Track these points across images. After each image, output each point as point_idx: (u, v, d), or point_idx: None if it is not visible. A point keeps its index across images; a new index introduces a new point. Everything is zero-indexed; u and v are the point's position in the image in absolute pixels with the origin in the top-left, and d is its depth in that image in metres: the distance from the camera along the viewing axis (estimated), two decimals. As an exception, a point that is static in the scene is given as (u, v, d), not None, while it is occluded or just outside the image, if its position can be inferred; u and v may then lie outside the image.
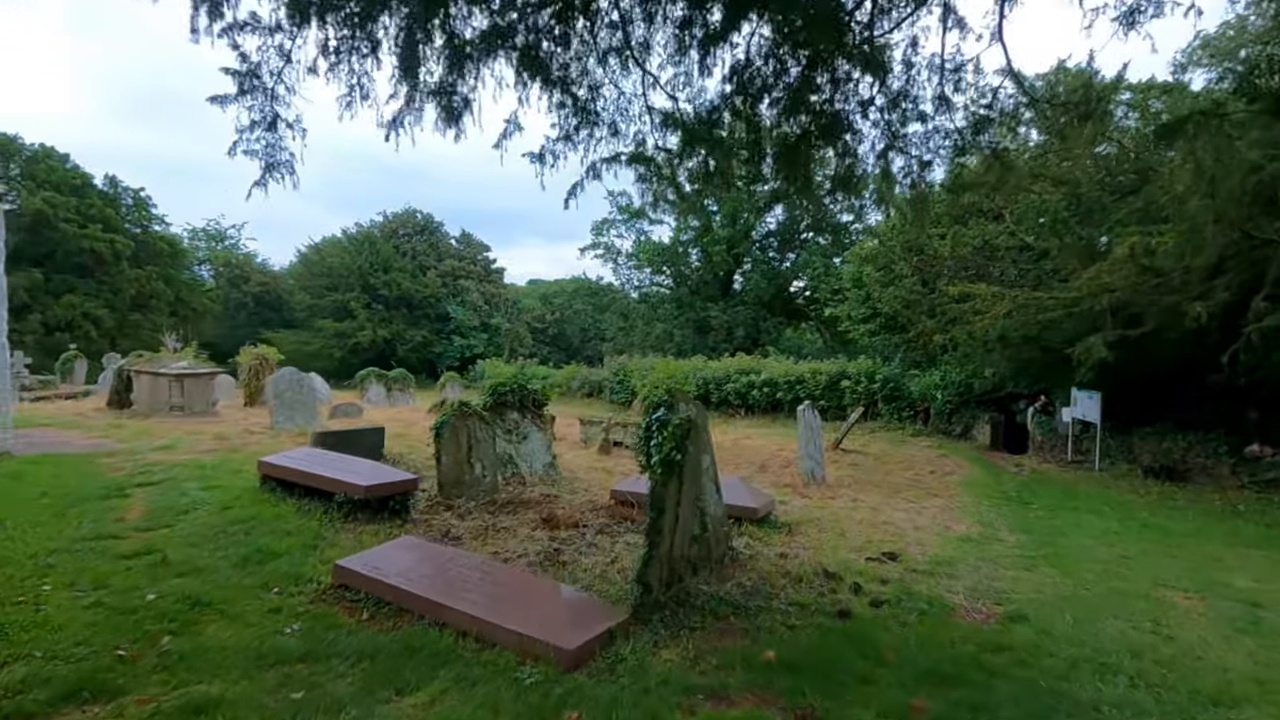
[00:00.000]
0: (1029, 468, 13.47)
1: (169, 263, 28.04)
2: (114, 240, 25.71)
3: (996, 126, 7.02)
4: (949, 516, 8.20)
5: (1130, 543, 7.32)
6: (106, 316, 24.64)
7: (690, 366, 25.50)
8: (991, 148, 7.33)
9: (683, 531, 4.33)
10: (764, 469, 11.33)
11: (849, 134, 6.90)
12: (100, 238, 25.43)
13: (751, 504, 6.38)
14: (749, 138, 7.01)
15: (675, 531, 4.15)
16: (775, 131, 6.87)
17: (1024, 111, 7.34)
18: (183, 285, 31.21)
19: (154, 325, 25.98)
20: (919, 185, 7.68)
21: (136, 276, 25.92)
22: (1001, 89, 7.00)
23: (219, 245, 60.14)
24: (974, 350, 12.80)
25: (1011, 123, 6.91)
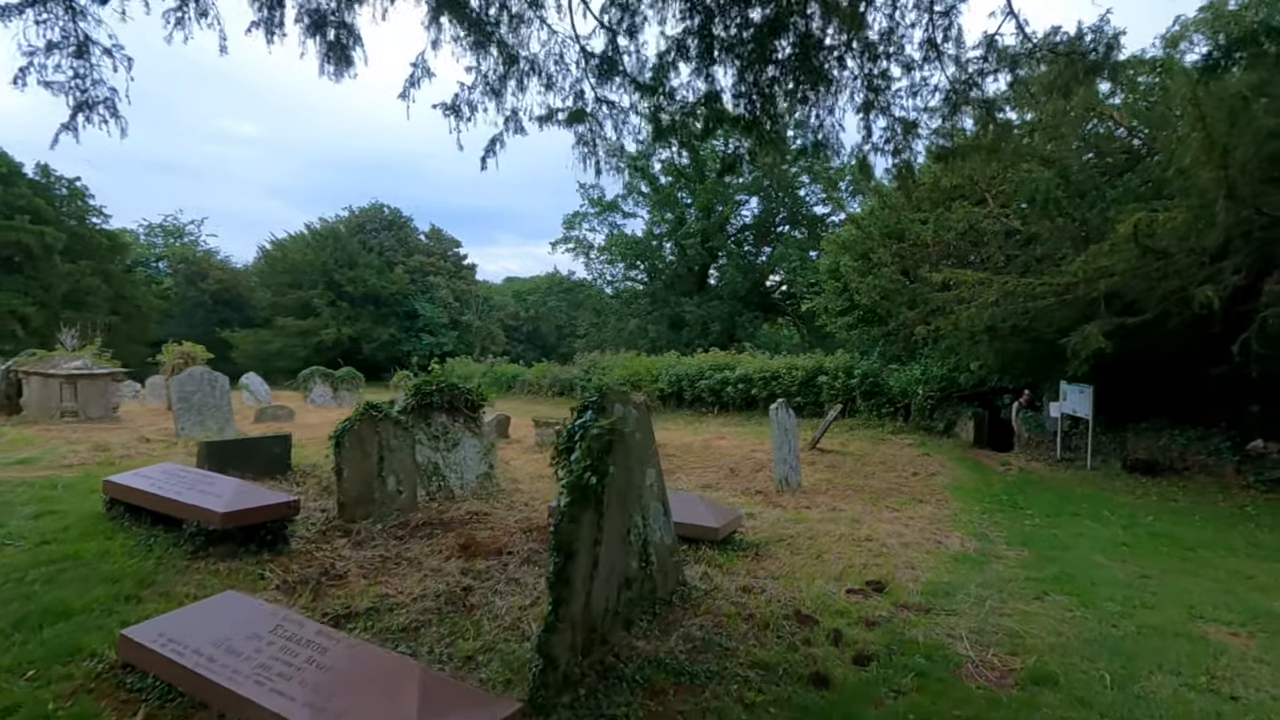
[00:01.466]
0: (1016, 467, 12.64)
1: (107, 257, 26.30)
2: (44, 233, 23.95)
3: (994, 78, 6.07)
4: (939, 528, 7.25)
5: (1145, 557, 6.42)
6: (35, 314, 22.91)
7: (663, 363, 24.54)
8: (987, 105, 6.38)
9: (607, 578, 3.28)
10: (734, 473, 10.33)
11: (823, 85, 5.89)
12: (28, 230, 23.61)
13: (711, 523, 5.36)
14: (706, 89, 5.95)
15: (594, 580, 3.09)
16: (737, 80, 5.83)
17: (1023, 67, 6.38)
18: (124, 281, 29.42)
19: (91, 324, 24.31)
20: (902, 151, 6.70)
21: (69, 271, 24.19)
22: (999, 36, 6.04)
23: (177, 241, 57.95)
24: (959, 342, 11.93)
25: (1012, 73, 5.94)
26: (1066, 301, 10.32)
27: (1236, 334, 8.79)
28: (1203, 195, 7.99)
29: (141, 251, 54.01)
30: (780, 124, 6.06)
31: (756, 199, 38.39)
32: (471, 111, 5.26)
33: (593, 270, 40.00)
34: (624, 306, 38.61)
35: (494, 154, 5.34)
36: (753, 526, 6.47)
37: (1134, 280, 9.45)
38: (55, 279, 24.00)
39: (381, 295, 47.65)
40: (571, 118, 6.04)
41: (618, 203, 39.59)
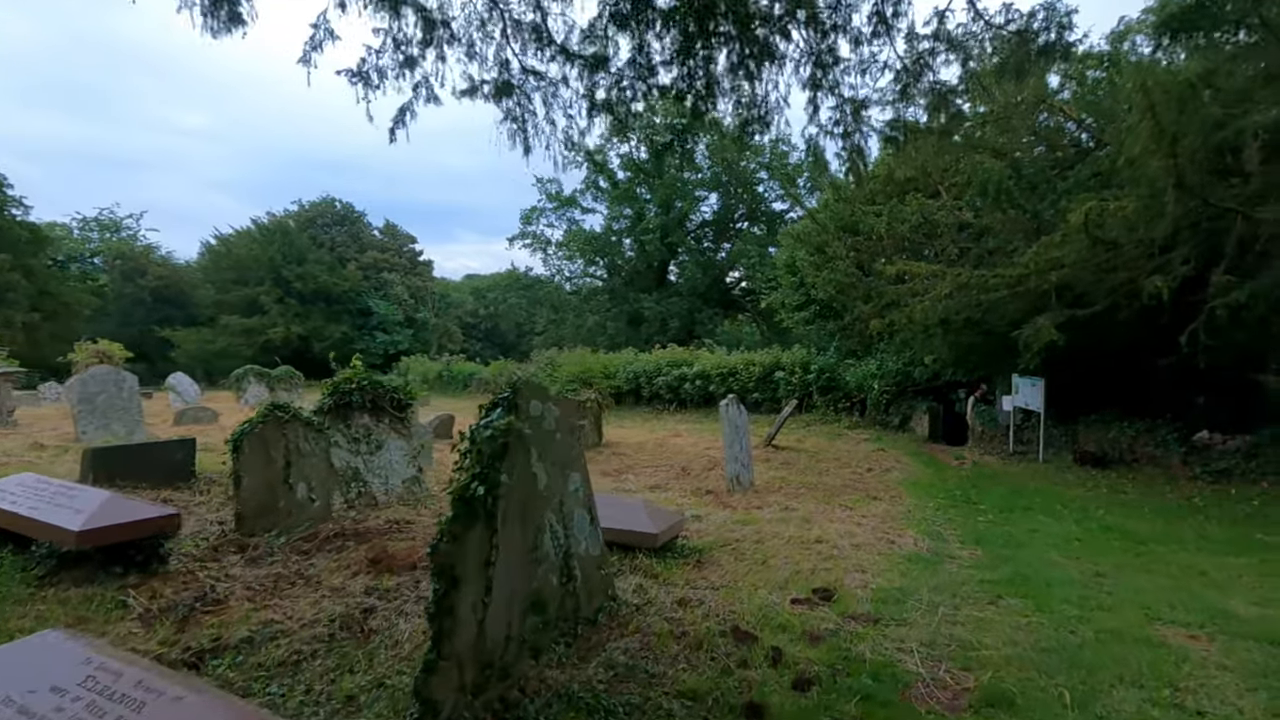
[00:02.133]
0: (970, 461, 12.58)
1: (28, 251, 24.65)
2: (-46, 224, 22.17)
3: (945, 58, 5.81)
4: (892, 526, 6.99)
5: (1098, 553, 6.24)
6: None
7: (620, 360, 24.12)
8: (938, 88, 6.12)
9: (507, 602, 2.84)
10: (686, 472, 9.97)
11: (767, 59, 5.54)
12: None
13: (650, 529, 4.95)
14: (642, 61, 5.54)
15: (488, 606, 2.65)
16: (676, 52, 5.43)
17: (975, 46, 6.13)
18: (48, 277, 27.67)
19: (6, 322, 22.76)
20: (852, 134, 6.40)
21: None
22: (949, 12, 5.79)
23: (114, 236, 55.26)
24: (913, 336, 11.79)
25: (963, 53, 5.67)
26: (1018, 294, 10.22)
27: (1184, 326, 8.77)
28: (1152, 184, 7.90)
29: (75, 246, 51.30)
30: (720, 98, 5.67)
31: (715, 195, 38.25)
32: (381, 79, 4.74)
33: (550, 266, 39.39)
34: (582, 303, 38.07)
35: (404, 124, 4.82)
36: (698, 530, 6.09)
37: (1084, 272, 9.38)
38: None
39: (333, 292, 46.16)
40: (498, 91, 5.55)
41: (576, 198, 39.03)
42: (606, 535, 4.79)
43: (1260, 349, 10.59)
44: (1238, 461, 9.80)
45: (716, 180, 37.63)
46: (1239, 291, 7.73)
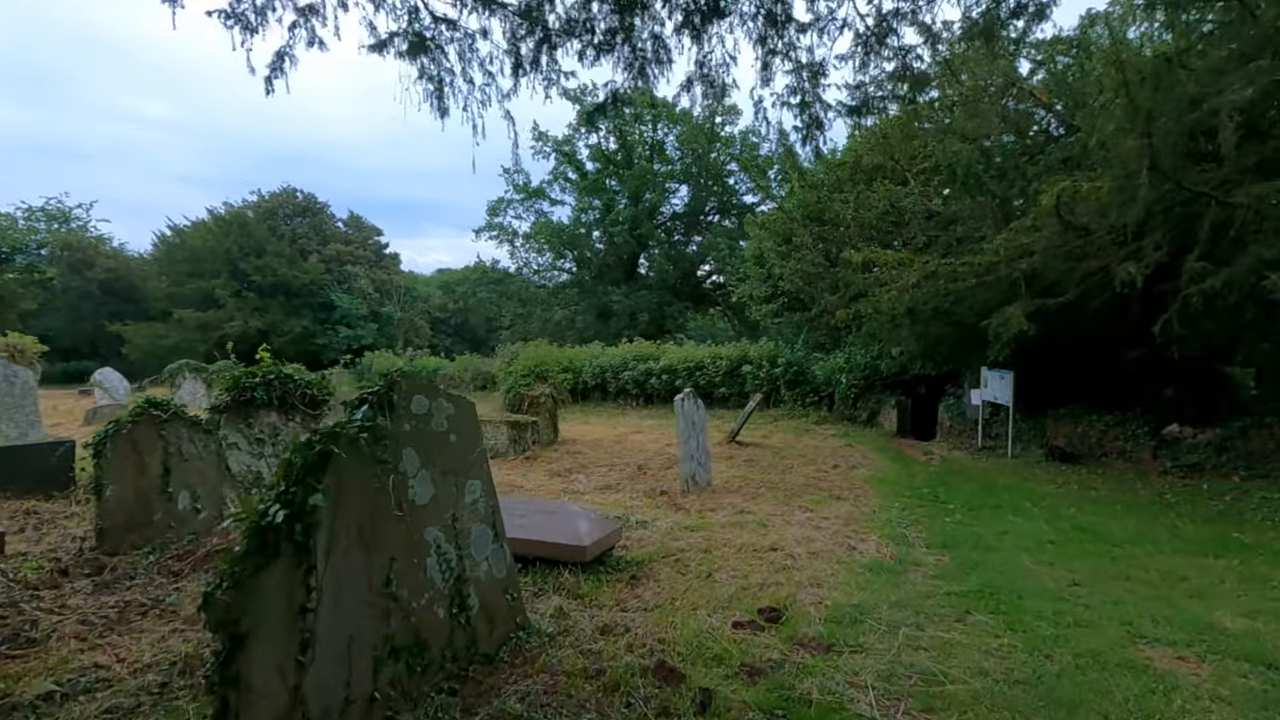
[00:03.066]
0: (939, 456, 12.22)
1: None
2: None
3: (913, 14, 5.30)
4: (855, 530, 6.50)
5: (1072, 557, 5.81)
6: None
7: (586, 354, 23.51)
8: (904, 53, 5.61)
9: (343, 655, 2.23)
10: (642, 471, 9.40)
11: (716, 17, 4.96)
12: None
13: (577, 540, 4.37)
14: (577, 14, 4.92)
15: (312, 665, 2.04)
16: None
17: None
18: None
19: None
20: (811, 104, 5.87)
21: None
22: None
23: (62, 227, 53.00)
24: (879, 327, 11.36)
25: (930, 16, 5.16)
26: (987, 283, 9.84)
27: (1155, 315, 8.43)
28: (1125, 165, 7.51)
29: (20, 238, 49.04)
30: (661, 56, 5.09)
31: (686, 187, 37.70)
32: (260, 20, 4.06)
33: (518, 259, 38.51)
34: (550, 296, 37.32)
35: (282, 73, 4.14)
36: (641, 539, 5.52)
37: (1054, 260, 9.01)
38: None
39: (293, 285, 44.69)
40: (412, 48, 4.89)
41: (544, 189, 38.24)
42: (528, 549, 4.20)
43: (1229, 339, 10.36)
44: (1209, 455, 9.53)
45: (687, 172, 37.09)
46: (1213, 278, 7.38)
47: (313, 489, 2.10)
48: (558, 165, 37.58)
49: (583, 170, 37.08)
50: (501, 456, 9.88)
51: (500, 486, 8.02)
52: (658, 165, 35.94)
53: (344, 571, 2.25)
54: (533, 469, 9.21)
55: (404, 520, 2.82)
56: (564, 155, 37.02)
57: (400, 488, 2.84)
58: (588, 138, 36.99)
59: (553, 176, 37.47)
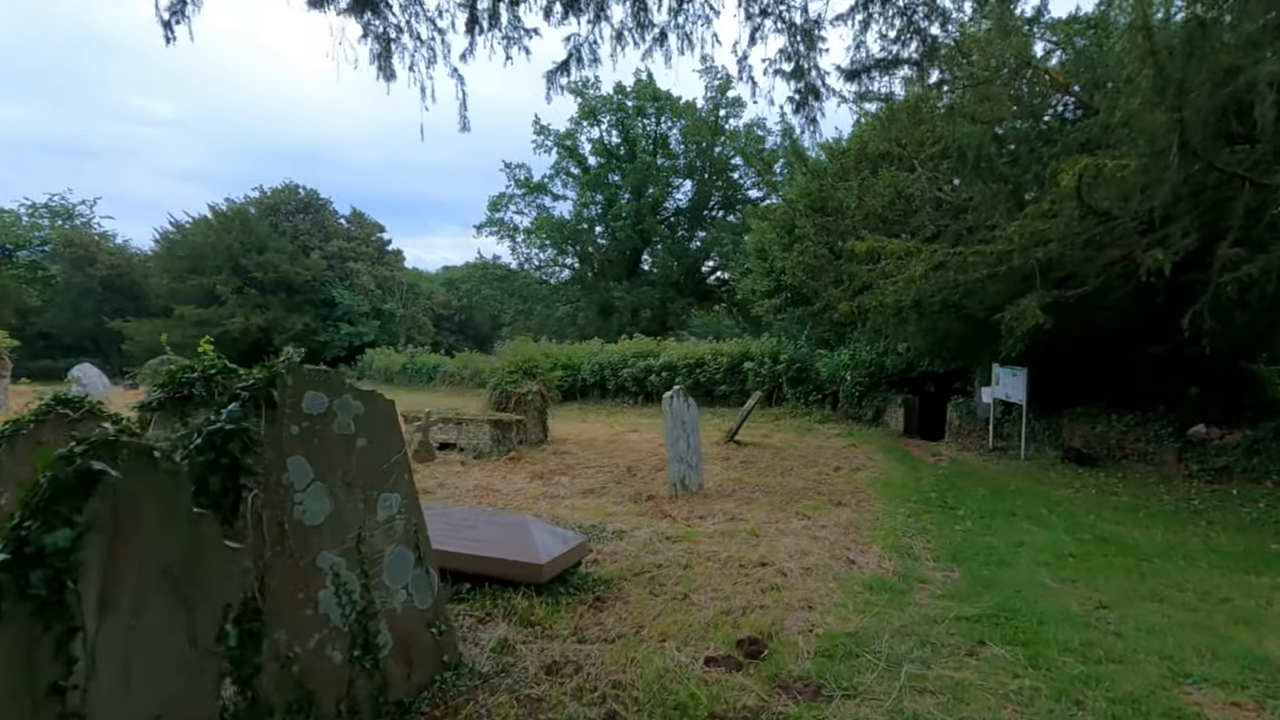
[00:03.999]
0: (947, 457, 11.62)
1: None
2: None
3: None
4: (855, 540, 5.93)
5: (1097, 573, 5.22)
6: None
7: (585, 350, 23.02)
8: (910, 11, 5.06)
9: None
10: (631, 474, 8.86)
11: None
12: None
13: (533, 556, 3.83)
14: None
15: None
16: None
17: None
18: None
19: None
20: (807, 72, 5.31)
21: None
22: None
23: (66, 223, 52.94)
24: (884, 322, 10.77)
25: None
26: (1000, 275, 9.22)
27: (1181, 308, 7.82)
28: (1153, 143, 6.89)
29: (23, 234, 49.04)
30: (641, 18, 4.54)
31: (690, 182, 37.11)
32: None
33: (519, 255, 37.98)
34: (552, 293, 36.81)
35: (184, 18, 3.61)
36: (614, 552, 4.98)
37: (1073, 249, 8.40)
38: None
39: (295, 282, 44.35)
40: (357, 2, 4.35)
41: (545, 184, 37.70)
42: (478, 567, 3.66)
43: (1257, 335, 9.73)
44: (1238, 458, 8.90)
45: (691, 166, 36.50)
46: (1249, 265, 6.76)
47: (59, 524, 1.56)
48: (560, 159, 37.06)
49: (585, 164, 36.54)
50: (485, 457, 9.36)
51: (475, 490, 7.52)
52: (661, 159, 35.35)
53: (142, 631, 1.72)
54: (515, 471, 8.69)
55: (285, 546, 2.28)
56: (566, 149, 36.48)
57: (280, 504, 2.30)
58: (590, 131, 36.46)
59: (554, 171, 36.94)
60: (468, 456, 9.36)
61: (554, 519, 5.89)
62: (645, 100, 34.76)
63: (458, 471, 8.45)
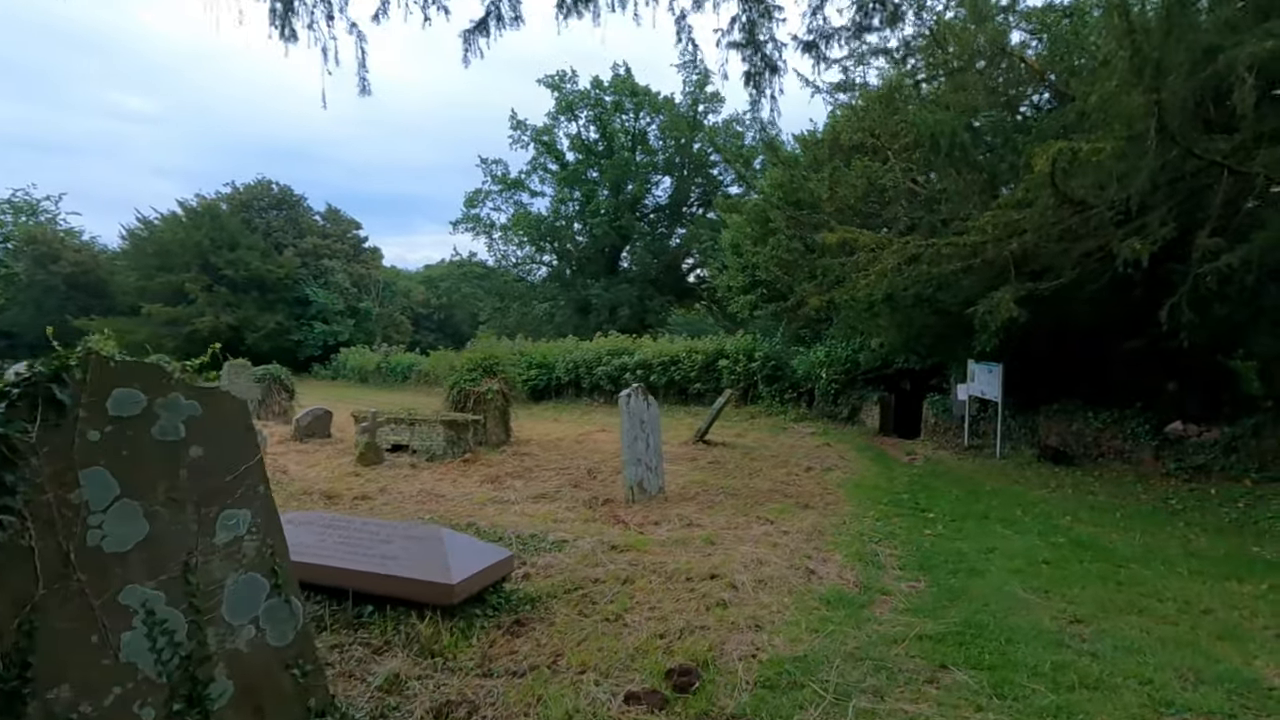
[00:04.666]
0: (922, 456, 11.32)
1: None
2: None
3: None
4: (818, 547, 5.55)
5: (1072, 582, 4.88)
6: None
7: (560, 348, 22.55)
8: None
9: None
10: (591, 476, 8.44)
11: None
12: None
13: (445, 576, 3.38)
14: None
15: None
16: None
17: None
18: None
19: None
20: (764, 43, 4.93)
21: None
22: None
23: (30, 219, 51.50)
24: (856, 316, 10.43)
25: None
26: (974, 267, 8.93)
27: (1159, 300, 7.55)
28: (1130, 126, 6.58)
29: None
30: None
31: (669, 179, 36.71)
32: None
33: (495, 251, 37.35)
34: (529, 290, 36.25)
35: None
36: (548, 565, 4.54)
37: (1048, 240, 8.10)
38: None
39: (267, 280, 43.36)
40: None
41: (523, 180, 37.10)
42: (382, 587, 3.23)
43: (1234, 329, 9.50)
44: (1215, 455, 8.66)
45: (670, 163, 36.10)
46: (1228, 256, 6.47)
47: None
48: (537, 155, 36.48)
49: (563, 160, 36.00)
50: (439, 459, 8.88)
51: (419, 496, 7.04)
52: (640, 155, 34.92)
53: None
54: (467, 474, 8.23)
55: (71, 580, 1.83)
56: (543, 145, 35.92)
57: (68, 529, 1.85)
58: (567, 126, 35.93)
59: (532, 167, 36.36)
60: (420, 459, 8.88)
61: (493, 527, 5.45)
62: (623, 95, 34.31)
63: (406, 475, 7.97)
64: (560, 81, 34.40)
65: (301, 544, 3.76)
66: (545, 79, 34.14)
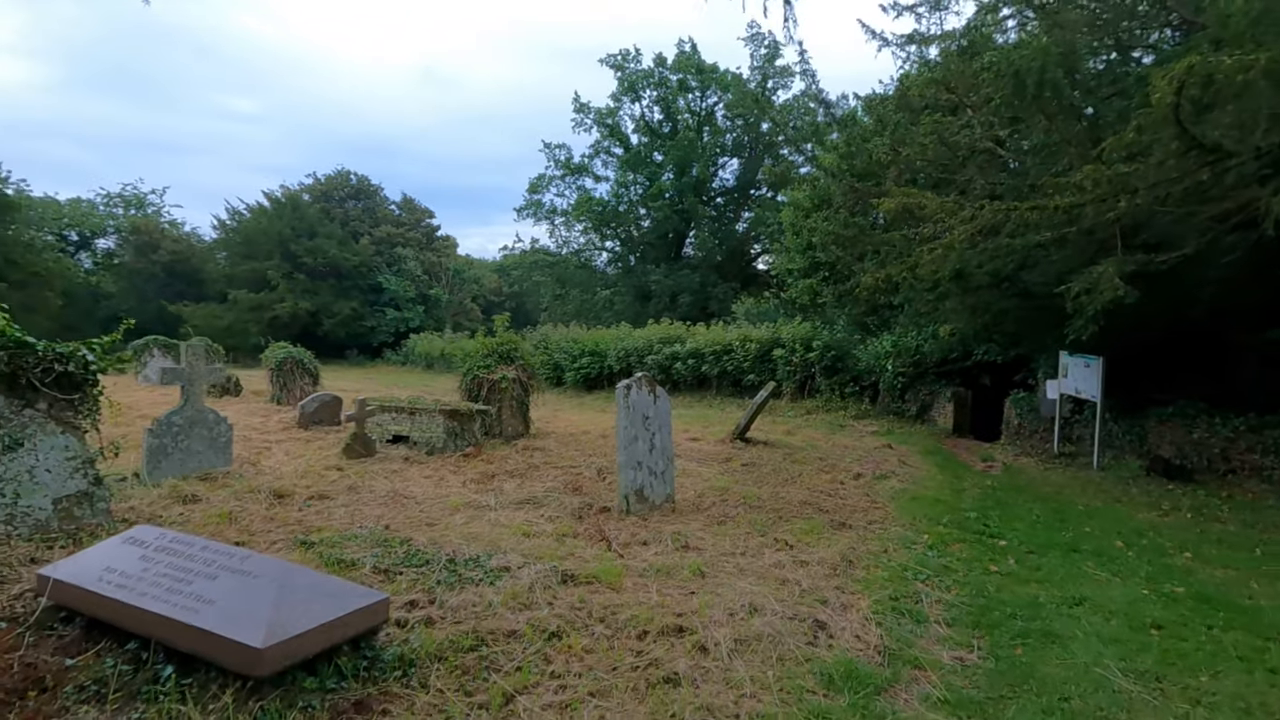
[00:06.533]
0: (1001, 463, 9.69)
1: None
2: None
3: None
4: (841, 586, 4.32)
5: (1198, 664, 3.46)
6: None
7: (611, 336, 21.68)
8: None
9: None
10: (601, 477, 7.39)
11: None
12: None
13: (251, 636, 2.42)
14: None
15: None
16: None
17: None
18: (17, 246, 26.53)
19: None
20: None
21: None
22: None
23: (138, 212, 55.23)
24: (919, 298, 8.90)
25: None
26: (1068, 239, 7.31)
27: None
28: None
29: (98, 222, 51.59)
30: None
31: (736, 160, 35.06)
32: None
33: (557, 238, 36.80)
34: (590, 276, 35.52)
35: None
36: (463, 605, 3.50)
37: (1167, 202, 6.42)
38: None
39: (343, 267, 44.74)
40: None
41: (586, 164, 36.31)
42: (186, 641, 2.34)
43: None
44: (1393, 478, 6.73)
45: (738, 143, 34.44)
46: None
47: None
48: (601, 139, 35.58)
49: (626, 143, 34.96)
50: (439, 453, 8.08)
51: (387, 497, 6.20)
52: (706, 136, 33.41)
53: None
54: (459, 471, 7.37)
55: None
56: (607, 128, 34.99)
57: None
58: (631, 108, 34.82)
59: (594, 151, 35.51)
60: (419, 451, 8.10)
61: (430, 544, 4.49)
62: (688, 73, 32.89)
63: (392, 471, 7.19)
64: (623, 61, 33.35)
65: (119, 572, 2.91)
66: (608, 58, 33.17)
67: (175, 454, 6.09)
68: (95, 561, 3.02)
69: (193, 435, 6.23)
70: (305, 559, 4.02)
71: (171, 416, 6.14)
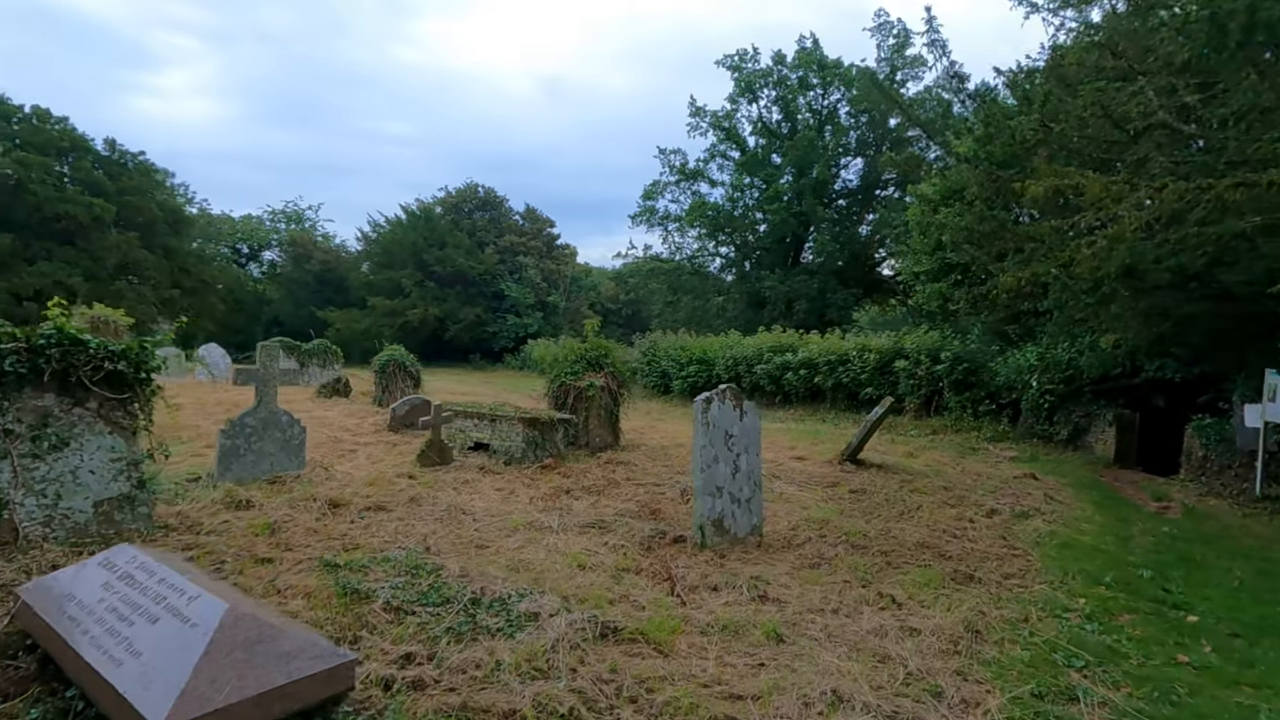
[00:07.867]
0: (1180, 505, 7.93)
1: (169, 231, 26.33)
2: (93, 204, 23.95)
3: None
4: (958, 670, 3.32)
5: None
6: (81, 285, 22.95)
7: (719, 344, 20.84)
8: None
9: None
10: (685, 498, 6.66)
11: None
12: (78, 200, 23.51)
13: (152, 707, 1.93)
14: None
15: None
16: None
17: None
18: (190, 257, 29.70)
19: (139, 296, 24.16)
20: None
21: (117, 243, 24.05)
22: None
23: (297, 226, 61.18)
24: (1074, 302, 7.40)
25: None
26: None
27: None
28: None
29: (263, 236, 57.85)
30: None
31: (860, 159, 33.04)
32: None
33: (670, 244, 36.33)
34: (703, 283, 34.73)
35: None
36: (466, 664, 2.89)
37: None
38: (103, 251, 23.97)
39: (469, 275, 47.03)
40: None
41: (701, 169, 35.62)
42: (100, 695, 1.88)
43: None
44: None
45: (862, 142, 32.44)
46: None
47: None
48: (717, 142, 34.79)
49: (743, 146, 33.94)
50: (517, 463, 7.69)
51: (448, 511, 5.80)
52: (828, 134, 31.73)
53: None
54: (532, 485, 6.89)
55: None
56: (723, 131, 34.15)
57: None
58: (748, 109, 33.77)
59: (710, 155, 34.76)
60: (497, 461, 7.74)
61: (463, 574, 3.95)
62: (809, 70, 31.40)
63: (465, 481, 6.83)
64: (740, 61, 32.42)
65: (77, 601, 2.56)
66: (724, 59, 32.37)
67: (248, 456, 6.04)
68: (65, 584, 2.70)
69: (266, 437, 6.16)
70: (321, 584, 3.61)
71: (245, 418, 6.09)
